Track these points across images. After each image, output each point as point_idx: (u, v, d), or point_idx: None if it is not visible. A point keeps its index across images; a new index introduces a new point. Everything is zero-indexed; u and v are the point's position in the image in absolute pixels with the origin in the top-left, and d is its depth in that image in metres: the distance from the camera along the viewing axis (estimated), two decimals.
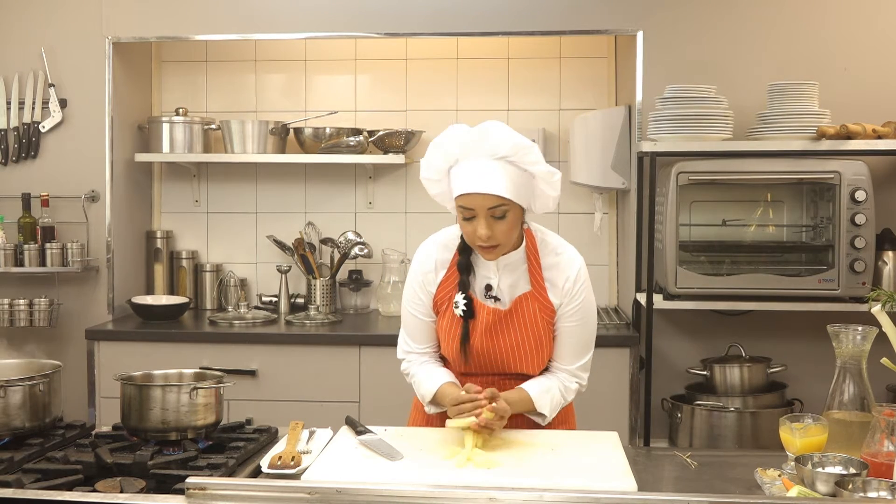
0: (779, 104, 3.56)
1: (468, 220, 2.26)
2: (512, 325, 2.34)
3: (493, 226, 2.23)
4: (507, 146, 2.21)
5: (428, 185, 2.38)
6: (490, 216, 2.23)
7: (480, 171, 2.22)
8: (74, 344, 4.03)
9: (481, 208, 2.22)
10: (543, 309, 2.36)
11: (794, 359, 3.72)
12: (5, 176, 4.14)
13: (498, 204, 2.22)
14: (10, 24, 4.12)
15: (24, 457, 2.04)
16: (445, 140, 2.29)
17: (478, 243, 2.27)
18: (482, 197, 2.21)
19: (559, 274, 2.38)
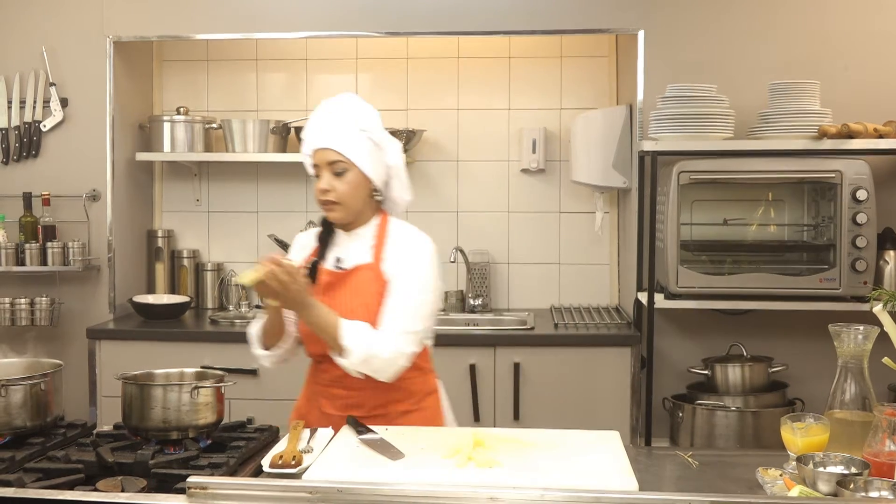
0: (780, 103, 3.56)
1: (318, 178, 2.43)
2: (345, 287, 2.43)
3: (332, 181, 2.40)
4: (352, 110, 2.43)
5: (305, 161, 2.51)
6: (331, 172, 2.40)
7: (324, 129, 2.42)
8: (76, 343, 4.03)
9: (322, 162, 2.41)
10: (377, 279, 2.42)
11: (796, 358, 3.72)
12: (6, 175, 4.14)
13: (336, 160, 2.39)
14: (12, 24, 4.12)
15: (25, 456, 2.04)
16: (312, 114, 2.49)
17: (319, 198, 2.43)
18: (323, 151, 2.41)
19: (399, 248, 2.46)
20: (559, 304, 4.40)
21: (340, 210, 2.43)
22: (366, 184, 2.43)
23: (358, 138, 2.41)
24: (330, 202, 2.41)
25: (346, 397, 2.44)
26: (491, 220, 4.46)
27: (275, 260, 2.21)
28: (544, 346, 3.73)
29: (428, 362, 2.56)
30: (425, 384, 2.53)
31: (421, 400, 2.51)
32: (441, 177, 4.46)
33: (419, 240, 2.49)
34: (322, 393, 2.48)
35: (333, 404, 2.45)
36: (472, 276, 4.33)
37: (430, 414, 2.52)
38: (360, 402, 2.43)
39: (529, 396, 3.72)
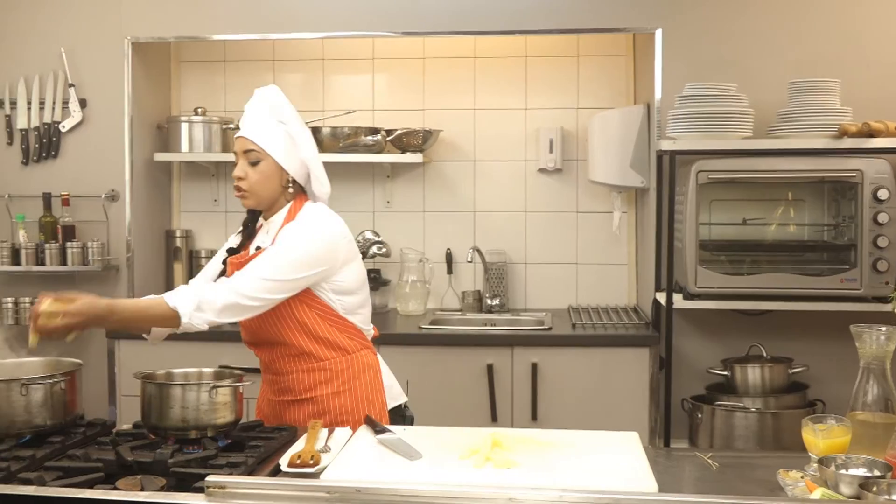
0: (800, 102, 3.53)
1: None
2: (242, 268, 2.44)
3: (246, 169, 2.47)
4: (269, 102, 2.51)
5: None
6: (246, 160, 2.47)
7: (246, 119, 2.52)
8: (95, 342, 4.05)
9: (239, 150, 2.49)
10: None
11: (816, 359, 3.69)
12: (26, 175, 4.17)
13: (250, 149, 2.47)
14: (31, 25, 4.15)
15: (45, 454, 2.05)
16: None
17: (235, 184, 2.50)
18: (241, 140, 2.50)
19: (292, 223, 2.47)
20: (577, 304, 4.38)
21: (252, 198, 2.50)
22: (279, 174, 2.49)
23: (275, 130, 2.49)
24: (241, 189, 2.49)
25: (277, 382, 2.54)
26: (508, 219, 4.45)
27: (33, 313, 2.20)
28: (562, 346, 3.72)
29: (356, 339, 2.54)
30: (351, 364, 2.53)
31: (350, 380, 2.52)
32: (458, 177, 4.46)
33: (313, 215, 2.48)
34: (264, 380, 2.59)
35: (272, 389, 2.57)
36: (490, 276, 4.32)
37: (365, 392, 2.54)
38: (288, 387, 2.52)
39: (547, 397, 3.71)
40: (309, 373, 2.49)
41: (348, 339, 2.53)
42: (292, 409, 2.52)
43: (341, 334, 2.50)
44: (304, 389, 2.50)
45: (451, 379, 3.73)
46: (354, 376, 2.53)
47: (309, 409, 2.49)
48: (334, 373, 2.50)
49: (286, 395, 2.52)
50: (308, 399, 2.50)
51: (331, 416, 2.47)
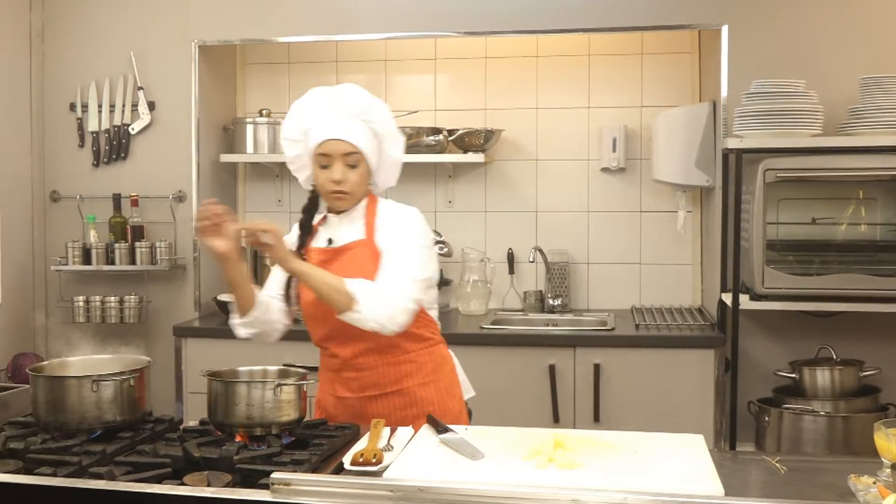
0: (872, 98, 3.45)
1: (325, 168, 2.47)
2: (340, 262, 2.46)
3: (346, 173, 2.45)
4: (360, 104, 2.49)
5: (287, 146, 2.57)
6: (344, 163, 2.44)
7: (339, 122, 2.47)
8: (163, 340, 4.13)
9: (336, 153, 2.44)
10: (372, 253, 2.46)
11: (889, 362, 3.60)
12: (97, 177, 4.27)
13: (351, 151, 2.45)
14: (102, 31, 4.25)
15: (115, 450, 2.09)
16: (304, 100, 2.54)
17: (331, 188, 2.47)
18: (338, 143, 2.44)
19: (390, 218, 2.51)
20: (640, 304, 4.34)
21: (350, 200, 2.50)
22: (368, 174, 2.52)
23: (366, 131, 2.48)
24: (343, 192, 2.47)
25: (359, 378, 2.50)
26: (570, 219, 4.42)
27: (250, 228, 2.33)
28: (625, 346, 3.69)
29: (435, 333, 2.59)
30: (434, 355, 2.57)
31: (434, 371, 2.55)
32: (520, 176, 4.44)
33: (407, 210, 2.55)
34: (335, 379, 2.54)
35: (349, 387, 2.52)
36: (552, 276, 4.30)
37: (446, 384, 2.57)
38: (374, 382, 2.50)
39: (610, 398, 3.67)
40: (396, 365, 2.50)
41: (430, 332, 2.56)
42: (378, 402, 2.51)
43: (424, 328, 2.54)
44: (391, 382, 2.50)
45: (513, 379, 3.72)
46: (437, 368, 2.57)
47: (397, 402, 2.50)
48: (419, 364, 2.52)
49: (370, 389, 2.50)
50: (396, 391, 2.50)
51: (418, 408, 2.48)
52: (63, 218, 4.28)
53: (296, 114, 2.54)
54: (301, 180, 2.63)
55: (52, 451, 2.05)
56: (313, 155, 2.49)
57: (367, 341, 2.45)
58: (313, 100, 2.53)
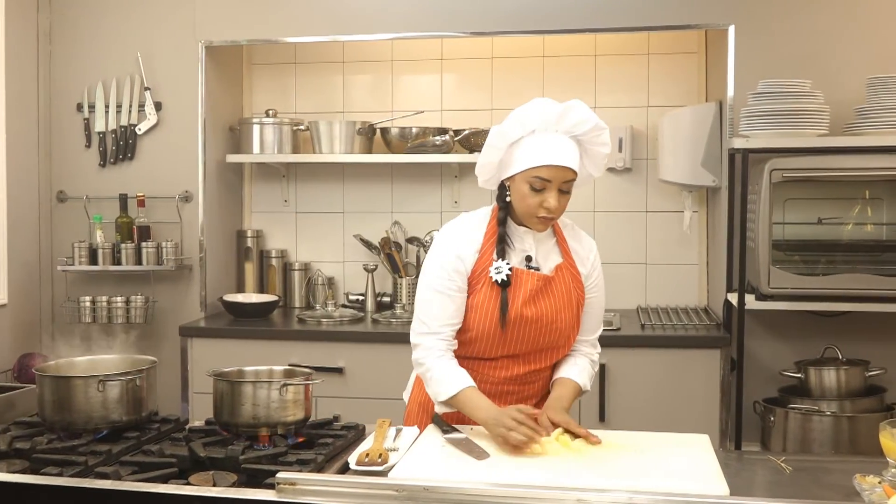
0: (878, 98, 3.44)
1: (537, 191, 2.30)
2: (553, 291, 2.39)
3: (559, 199, 2.32)
4: (587, 125, 2.32)
5: (488, 151, 2.38)
6: (561, 190, 2.31)
7: (562, 145, 2.31)
8: (169, 340, 4.14)
9: (557, 180, 2.29)
10: (575, 280, 2.43)
11: (895, 362, 3.59)
12: (104, 177, 4.28)
13: (571, 179, 2.32)
14: (109, 31, 4.26)
15: (121, 449, 2.10)
16: (529, 110, 2.36)
17: (541, 215, 2.32)
18: (561, 170, 2.29)
19: (581, 247, 2.48)
20: (646, 304, 4.33)
21: (551, 223, 2.39)
22: None
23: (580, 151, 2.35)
24: (552, 219, 2.35)
25: (519, 391, 2.44)
26: (576, 219, 4.28)
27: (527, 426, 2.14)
28: (631, 347, 3.68)
29: None
30: None
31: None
32: None
33: (590, 238, 2.53)
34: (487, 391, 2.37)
35: (502, 399, 2.39)
36: None
37: None
38: (531, 394, 2.46)
39: (616, 398, 3.67)
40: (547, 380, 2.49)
41: None
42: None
43: None
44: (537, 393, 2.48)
45: None
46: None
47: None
48: None
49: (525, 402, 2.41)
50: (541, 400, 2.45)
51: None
52: (69, 218, 4.29)
53: (516, 122, 2.36)
54: (481, 181, 2.44)
55: (58, 451, 2.06)
56: (526, 174, 2.30)
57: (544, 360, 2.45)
58: (539, 113, 2.35)
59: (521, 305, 2.33)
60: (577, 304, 2.42)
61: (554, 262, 2.42)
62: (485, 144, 2.40)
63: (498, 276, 2.33)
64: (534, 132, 2.33)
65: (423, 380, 2.40)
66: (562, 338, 2.42)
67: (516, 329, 2.35)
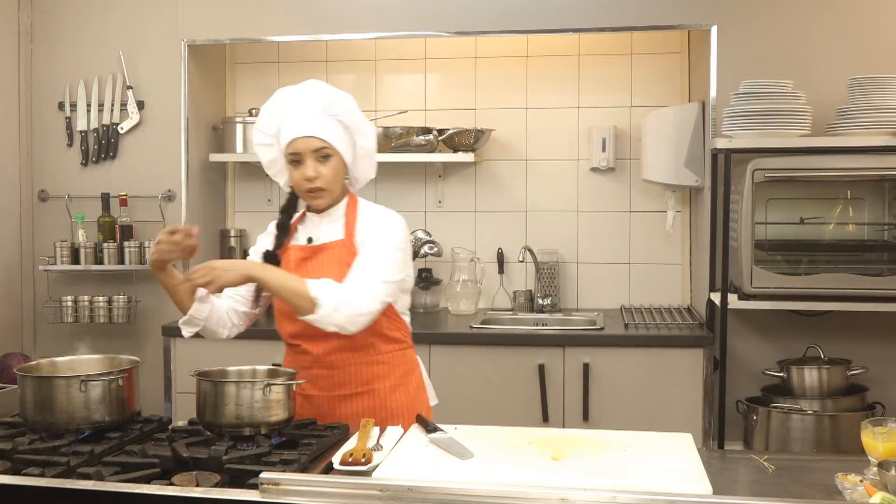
0: (859, 99, 3.47)
1: (296, 165, 2.46)
2: (317, 260, 2.47)
3: (318, 168, 2.44)
4: (325, 98, 2.47)
5: (261, 151, 2.57)
6: (315, 159, 2.44)
7: (305, 119, 2.45)
8: (151, 340, 4.12)
9: (307, 150, 2.44)
10: (350, 253, 2.46)
11: (876, 361, 3.62)
12: (86, 176, 4.26)
13: (320, 147, 2.44)
14: (91, 30, 4.24)
15: (103, 450, 2.08)
16: (271, 102, 2.53)
17: (305, 187, 2.46)
18: (307, 140, 2.43)
19: (369, 221, 2.52)
20: (629, 304, 4.35)
21: (327, 196, 2.49)
22: (343, 168, 2.51)
23: (334, 124, 2.47)
24: (318, 189, 2.46)
25: (329, 377, 2.49)
26: (560, 219, 4.43)
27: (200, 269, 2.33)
28: (614, 346, 3.70)
29: (407, 337, 2.59)
30: (407, 358, 2.58)
31: (405, 374, 2.56)
32: (510, 176, 4.45)
33: (389, 214, 2.54)
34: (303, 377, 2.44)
35: (317, 385, 2.50)
36: (541, 276, 4.31)
37: (415, 388, 2.58)
38: (344, 380, 2.49)
39: (599, 397, 3.68)
40: (368, 366, 2.50)
41: (402, 335, 2.56)
42: (348, 402, 2.50)
43: (397, 330, 2.53)
44: (363, 382, 2.50)
45: (502, 379, 3.73)
46: (408, 371, 2.57)
47: (367, 403, 2.49)
48: (392, 366, 2.52)
49: (341, 388, 2.50)
50: (366, 392, 2.49)
51: (387, 412, 2.48)
52: (51, 217, 4.26)
53: (264, 117, 2.53)
54: (282, 184, 2.61)
55: (40, 452, 2.04)
56: (286, 156, 2.48)
57: (340, 339, 2.42)
58: (279, 100, 2.52)
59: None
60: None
61: (331, 238, 2.50)
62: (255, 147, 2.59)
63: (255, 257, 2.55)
64: (282, 118, 2.49)
65: None
66: None
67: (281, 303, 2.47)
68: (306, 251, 2.51)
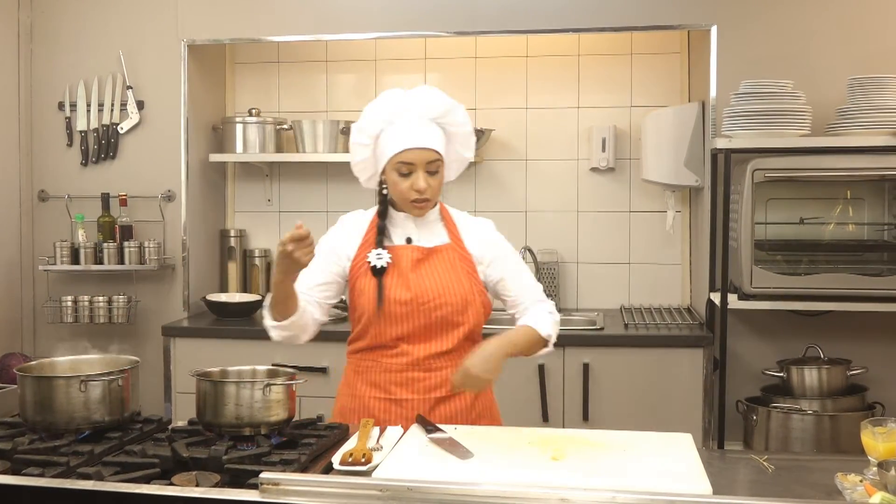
0: (859, 99, 3.47)
1: (405, 176, 2.40)
2: (433, 263, 2.45)
3: (428, 180, 2.40)
4: (439, 107, 2.42)
5: (356, 150, 2.51)
6: (427, 170, 2.39)
7: (418, 128, 2.40)
8: (151, 340, 4.12)
9: (420, 162, 2.39)
10: (463, 259, 2.47)
11: (876, 361, 3.62)
12: (85, 176, 4.26)
13: (434, 159, 2.40)
14: (91, 30, 4.24)
15: (103, 450, 2.08)
16: (379, 105, 2.45)
17: (413, 197, 2.41)
18: (421, 151, 2.38)
19: (473, 228, 2.55)
20: (629, 304, 4.35)
21: (429, 206, 2.47)
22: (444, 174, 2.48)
23: (442, 133, 2.44)
24: (426, 200, 2.42)
25: (425, 379, 2.45)
26: (560, 219, 4.43)
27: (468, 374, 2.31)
28: (614, 346, 3.70)
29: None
30: None
31: None
32: (510, 176, 4.45)
33: (488, 222, 2.59)
34: (394, 380, 2.45)
35: (413, 388, 2.44)
36: (541, 276, 4.30)
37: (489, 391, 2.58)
38: (440, 383, 2.45)
39: (599, 397, 3.68)
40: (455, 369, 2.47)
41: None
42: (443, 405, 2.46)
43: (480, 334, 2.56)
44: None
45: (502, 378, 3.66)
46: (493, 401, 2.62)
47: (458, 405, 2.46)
48: None
49: (437, 391, 2.44)
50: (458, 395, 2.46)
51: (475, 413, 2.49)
52: (51, 217, 4.26)
53: (370, 118, 2.46)
54: (363, 180, 2.57)
55: (39, 452, 2.04)
56: (392, 162, 2.40)
57: (444, 342, 2.44)
58: (388, 104, 2.44)
59: (398, 277, 2.41)
60: (469, 279, 2.46)
61: (438, 242, 2.48)
62: (350, 144, 2.51)
63: (378, 262, 2.43)
64: (391, 123, 2.42)
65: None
66: (455, 313, 2.43)
67: (397, 305, 2.41)
68: (420, 252, 2.46)
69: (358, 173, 2.56)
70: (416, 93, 2.44)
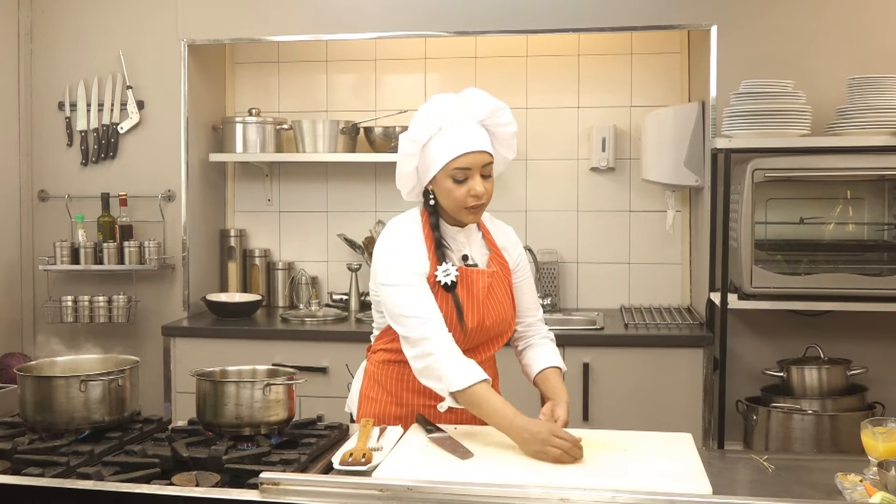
0: (859, 99, 3.46)
1: (460, 182, 2.32)
2: (496, 288, 2.44)
3: (484, 184, 2.34)
4: (488, 108, 2.35)
5: (405, 161, 2.37)
6: (482, 174, 2.34)
7: (470, 132, 2.33)
8: (151, 340, 4.12)
9: (477, 166, 2.32)
10: (504, 268, 2.49)
11: (876, 361, 3.62)
12: (85, 176, 4.26)
13: (489, 162, 2.35)
14: (91, 29, 4.24)
15: (103, 450, 2.09)
16: (429, 112, 2.34)
17: (471, 203, 2.34)
18: (477, 155, 2.32)
19: (502, 234, 2.55)
20: (629, 304, 4.35)
21: (483, 210, 2.42)
22: None
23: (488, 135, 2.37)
24: (483, 205, 2.37)
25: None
26: (560, 219, 4.43)
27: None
28: (614, 346, 3.69)
29: None
30: None
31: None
32: (510, 176, 4.44)
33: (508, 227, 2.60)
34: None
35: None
36: (541, 276, 4.30)
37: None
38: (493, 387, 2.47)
39: (599, 397, 3.68)
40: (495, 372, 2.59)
41: None
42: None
43: None
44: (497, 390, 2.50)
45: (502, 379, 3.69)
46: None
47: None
48: None
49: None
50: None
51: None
52: (51, 217, 4.27)
53: (420, 127, 2.33)
54: (405, 192, 2.44)
55: (39, 452, 2.04)
56: (447, 169, 2.30)
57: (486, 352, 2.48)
58: (439, 110, 2.33)
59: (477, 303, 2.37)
60: (511, 290, 2.49)
61: (484, 255, 2.48)
62: (398, 155, 2.38)
63: (447, 279, 2.33)
64: (441, 129, 2.33)
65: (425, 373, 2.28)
66: (504, 324, 2.47)
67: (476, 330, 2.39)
68: (489, 278, 2.40)
69: (401, 185, 2.43)
70: (465, 96, 2.36)
